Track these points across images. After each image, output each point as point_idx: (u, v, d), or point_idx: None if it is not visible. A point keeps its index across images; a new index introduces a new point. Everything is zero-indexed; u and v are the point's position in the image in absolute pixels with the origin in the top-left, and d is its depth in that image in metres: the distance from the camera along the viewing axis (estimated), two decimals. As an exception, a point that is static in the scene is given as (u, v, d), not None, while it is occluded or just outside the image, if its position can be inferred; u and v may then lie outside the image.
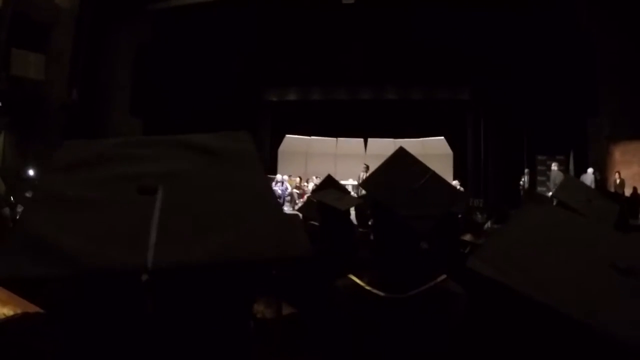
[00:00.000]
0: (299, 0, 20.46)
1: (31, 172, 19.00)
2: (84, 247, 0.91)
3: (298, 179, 23.69)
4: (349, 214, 4.60)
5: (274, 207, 1.12)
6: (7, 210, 1.99)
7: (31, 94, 19.31)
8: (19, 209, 2.89)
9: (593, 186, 17.52)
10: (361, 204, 5.36)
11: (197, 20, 21.69)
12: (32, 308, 1.47)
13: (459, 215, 3.91)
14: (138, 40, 21.90)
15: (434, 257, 2.16)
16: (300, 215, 6.79)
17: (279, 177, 22.70)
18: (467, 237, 4.33)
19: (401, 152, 2.35)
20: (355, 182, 21.00)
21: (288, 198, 21.56)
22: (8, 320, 1.38)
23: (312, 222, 5.84)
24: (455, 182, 21.07)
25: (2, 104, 19.05)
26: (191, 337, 1.04)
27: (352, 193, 19.39)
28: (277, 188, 21.19)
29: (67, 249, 0.90)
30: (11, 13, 18.07)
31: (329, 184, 5.33)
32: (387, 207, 2.12)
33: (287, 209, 19.58)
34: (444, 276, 2.11)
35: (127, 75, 21.93)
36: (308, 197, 11.39)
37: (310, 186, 22.41)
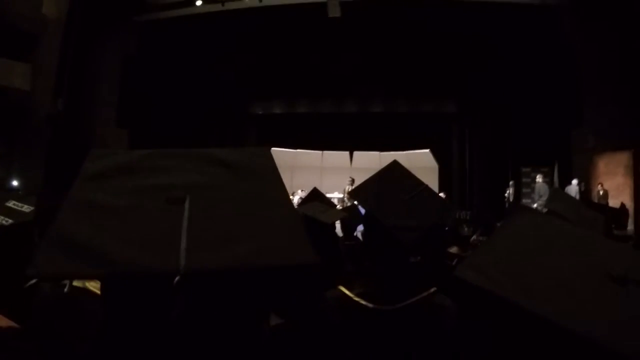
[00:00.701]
0: (285, 13, 20.50)
1: (15, 183, 18.91)
2: (119, 249, 0.99)
3: (283, 192, 23.42)
4: (335, 227, 4.57)
5: (293, 217, 1.19)
6: (1, 219, 1.99)
7: (16, 103, 19.22)
8: (5, 222, 2.84)
9: (577, 197, 17.61)
10: (346, 216, 5.34)
11: (183, 33, 21.71)
12: (5, 322, 1.44)
13: (446, 228, 3.89)
14: (124, 51, 21.87)
15: (424, 269, 2.15)
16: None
17: (264, 189, 22.61)
18: (454, 249, 4.33)
19: (395, 165, 2.35)
20: (341, 195, 21.02)
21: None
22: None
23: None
24: (441, 195, 21.11)
25: None
26: (214, 338, 1.11)
27: (338, 206, 19.44)
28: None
29: (102, 251, 0.99)
30: (-2, 22, 18.05)
31: (315, 197, 5.31)
32: (375, 218, 2.12)
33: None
34: (433, 289, 2.11)
35: (114, 87, 21.87)
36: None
37: (296, 199, 22.29)
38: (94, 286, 2.81)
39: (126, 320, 1.09)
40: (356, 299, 2.08)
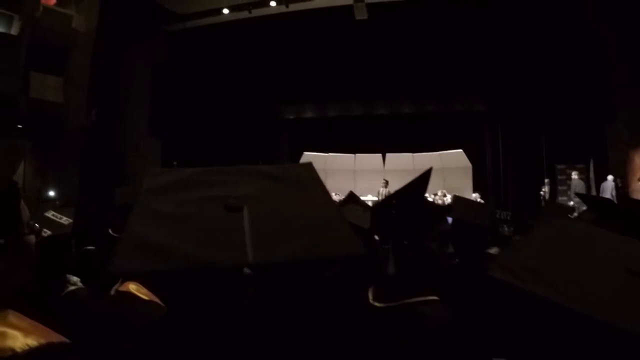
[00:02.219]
0: (312, 17, 20.52)
1: (52, 193, 19.25)
2: (191, 248, 1.12)
3: (317, 196, 23.34)
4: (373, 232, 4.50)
5: (339, 216, 1.35)
6: (32, 238, 1.99)
7: (50, 116, 19.58)
8: (44, 233, 2.88)
9: (614, 193, 17.36)
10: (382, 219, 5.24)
11: (213, 40, 21.87)
12: (56, 337, 1.44)
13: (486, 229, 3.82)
14: (154, 61, 22.08)
15: (431, 272, 2.15)
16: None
17: (297, 194, 22.62)
18: (493, 250, 4.26)
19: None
20: (375, 198, 20.95)
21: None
22: (32, 351, 1.36)
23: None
24: (475, 195, 20.99)
25: (22, 126, 19.32)
26: (279, 321, 1.32)
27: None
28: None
29: (175, 249, 1.11)
30: (29, 37, 18.39)
31: (351, 200, 5.26)
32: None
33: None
34: (433, 297, 2.13)
35: (145, 96, 22.08)
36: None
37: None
38: (137, 290, 2.84)
39: (195, 310, 1.26)
40: (371, 300, 2.19)
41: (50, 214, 3.37)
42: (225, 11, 20.98)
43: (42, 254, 2.95)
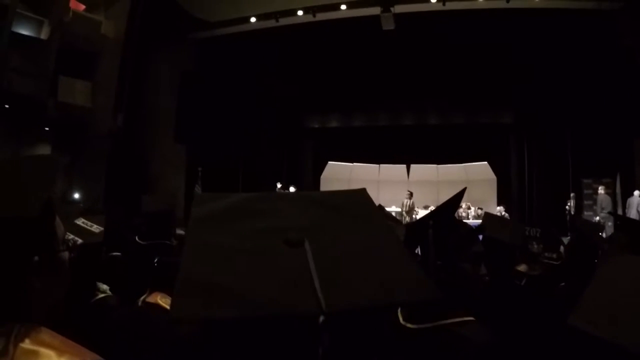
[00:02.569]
0: (340, 27, 20.54)
1: (76, 196, 19.46)
2: (256, 291, 1.05)
3: (341, 206, 23.23)
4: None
5: (405, 254, 1.25)
6: (66, 255, 1.99)
7: (77, 119, 19.81)
8: (76, 241, 2.88)
9: (640, 209, 17.18)
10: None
11: (239, 49, 21.95)
12: (91, 356, 1.43)
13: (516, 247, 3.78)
14: (181, 68, 22.24)
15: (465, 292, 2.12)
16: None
17: (321, 204, 22.57)
18: (522, 267, 4.22)
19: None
20: (399, 209, 20.91)
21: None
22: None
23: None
24: (499, 208, 20.85)
25: (49, 129, 19.56)
26: None
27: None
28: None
29: (239, 293, 1.04)
30: (59, 42, 18.59)
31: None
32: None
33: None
34: (469, 318, 2.09)
35: (171, 102, 22.22)
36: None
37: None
38: (165, 302, 2.83)
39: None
40: (402, 321, 2.11)
41: (80, 222, 3.39)
42: (253, 19, 21.07)
43: (73, 262, 2.96)
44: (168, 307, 2.56)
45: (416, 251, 2.34)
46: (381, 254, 1.21)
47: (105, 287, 3.41)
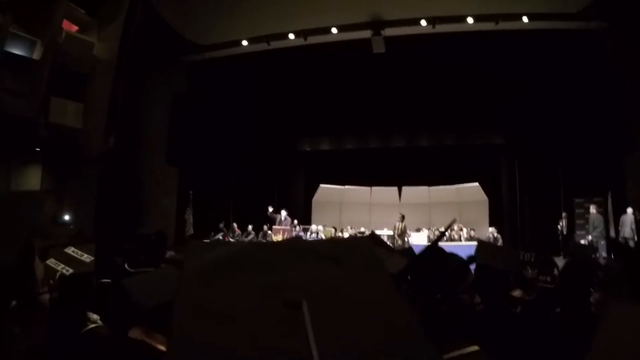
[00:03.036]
0: (331, 50, 20.63)
1: (67, 217, 19.39)
2: (252, 357, 1.00)
3: (333, 229, 23.33)
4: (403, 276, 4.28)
5: (409, 315, 1.21)
6: (45, 297, 1.97)
7: (69, 140, 19.75)
8: (65, 271, 2.82)
9: (634, 227, 17.17)
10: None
11: (231, 71, 22.01)
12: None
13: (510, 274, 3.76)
14: (173, 90, 22.29)
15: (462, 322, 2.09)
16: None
17: (313, 227, 22.55)
18: (517, 293, 4.19)
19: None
20: (391, 232, 20.86)
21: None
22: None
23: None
24: (491, 229, 20.87)
25: (40, 149, 19.51)
26: None
27: (388, 242, 19.26)
28: (312, 239, 21.03)
29: (234, 358, 1.00)
30: (51, 63, 18.57)
31: (373, 242, 5.13)
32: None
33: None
34: (475, 347, 2.05)
35: (163, 125, 22.25)
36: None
37: (346, 236, 22.25)
38: (150, 339, 2.79)
39: None
40: None
41: (70, 250, 3.35)
42: (244, 43, 21.17)
43: (62, 292, 2.92)
44: (153, 345, 2.52)
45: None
46: (380, 315, 1.16)
47: (95, 317, 3.36)
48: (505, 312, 3.42)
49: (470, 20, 18.96)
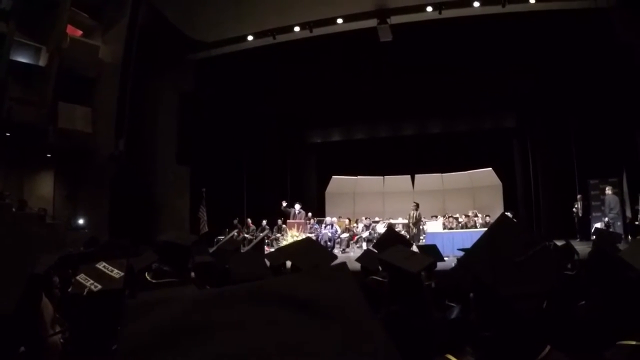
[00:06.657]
0: (338, 41, 20.53)
1: (81, 221, 19.45)
2: None
3: (347, 220, 23.34)
4: (420, 275, 4.19)
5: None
6: (56, 339, 1.94)
7: (79, 145, 19.78)
8: (94, 287, 2.83)
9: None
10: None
11: (238, 68, 21.95)
12: None
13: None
14: (181, 89, 22.29)
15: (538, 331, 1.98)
16: (360, 265, 6.53)
17: (328, 219, 22.45)
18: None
19: (504, 220, 2.15)
20: (405, 221, 20.79)
21: (338, 240, 21.24)
22: None
23: (375, 277, 5.55)
24: (508, 214, 20.68)
25: (50, 155, 19.55)
26: None
27: (402, 232, 19.23)
28: (327, 231, 20.97)
29: None
30: (57, 68, 18.59)
31: (392, 237, 5.05)
32: (486, 285, 1.95)
33: (336, 251, 19.45)
34: (547, 348, 1.94)
35: (172, 124, 22.26)
36: (367, 249, 10.56)
37: (360, 227, 22.21)
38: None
39: None
40: None
41: (101, 266, 3.31)
42: (250, 38, 21.10)
43: (92, 309, 2.89)
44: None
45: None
46: None
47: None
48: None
49: (476, 4, 18.77)
